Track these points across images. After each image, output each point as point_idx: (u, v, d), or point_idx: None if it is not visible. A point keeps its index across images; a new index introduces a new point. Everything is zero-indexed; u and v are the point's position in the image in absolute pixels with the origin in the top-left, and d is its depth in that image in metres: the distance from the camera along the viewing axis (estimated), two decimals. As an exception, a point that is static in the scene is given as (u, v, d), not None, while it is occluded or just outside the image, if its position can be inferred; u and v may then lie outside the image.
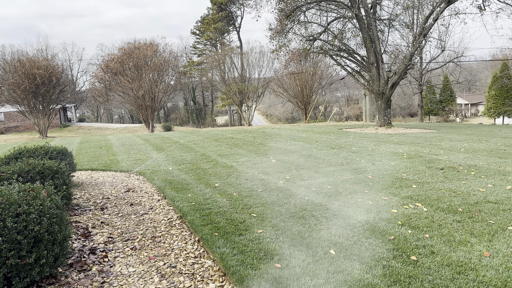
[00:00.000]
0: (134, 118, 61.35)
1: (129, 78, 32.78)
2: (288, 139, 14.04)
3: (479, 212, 4.64)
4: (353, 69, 19.58)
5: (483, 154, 9.02)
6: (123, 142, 15.52)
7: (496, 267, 3.19)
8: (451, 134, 14.50)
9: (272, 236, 4.11)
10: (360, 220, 4.53)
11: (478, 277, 3.03)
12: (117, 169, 9.00)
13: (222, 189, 6.38)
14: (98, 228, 4.64)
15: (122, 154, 11.48)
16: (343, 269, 3.26)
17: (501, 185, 5.99)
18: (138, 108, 34.05)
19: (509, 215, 4.52)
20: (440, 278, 3.04)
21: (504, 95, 34.50)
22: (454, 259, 3.38)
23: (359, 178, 6.85)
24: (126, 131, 37.34)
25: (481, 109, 58.19)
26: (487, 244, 3.68)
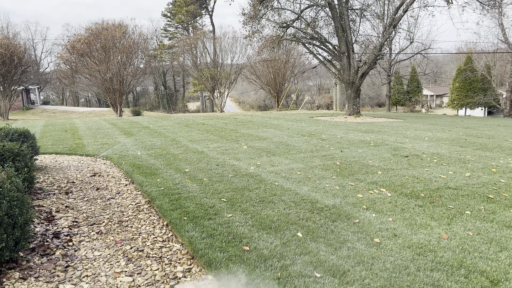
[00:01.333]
0: (101, 101, 59.48)
1: (97, 60, 31.66)
2: (260, 126, 14.07)
3: (439, 198, 4.86)
4: (325, 58, 19.76)
5: (446, 143, 9.40)
6: (90, 126, 15.05)
7: (453, 249, 3.36)
8: (416, 124, 15.00)
9: (242, 220, 4.15)
10: (327, 204, 4.64)
11: (436, 258, 3.19)
12: (83, 153, 8.74)
13: (192, 175, 6.34)
14: (62, 212, 4.51)
15: (88, 138, 11.15)
16: (310, 251, 3.33)
17: (461, 172, 6.28)
18: (105, 92, 33.05)
19: (467, 200, 4.76)
20: (401, 259, 3.17)
21: (467, 88, 35.94)
22: (414, 241, 3.53)
23: (327, 165, 6.99)
24: (93, 115, 36.21)
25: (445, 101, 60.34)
26: (446, 227, 3.86)
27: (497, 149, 8.49)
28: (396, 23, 16.74)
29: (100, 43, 31.71)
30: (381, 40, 17.43)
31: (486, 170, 6.41)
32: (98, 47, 31.91)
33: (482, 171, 6.33)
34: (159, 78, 62.60)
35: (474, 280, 2.82)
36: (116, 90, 32.59)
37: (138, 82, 37.71)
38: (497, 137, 10.56)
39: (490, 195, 4.95)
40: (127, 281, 2.89)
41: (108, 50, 31.56)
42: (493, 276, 2.88)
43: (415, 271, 2.97)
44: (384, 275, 2.90)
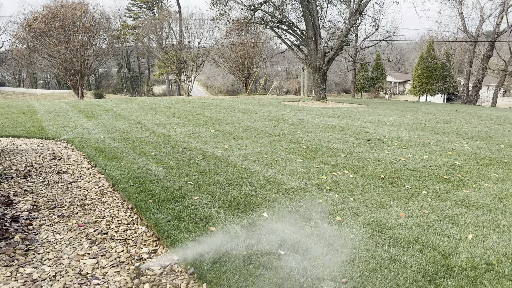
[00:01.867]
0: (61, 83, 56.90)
1: (56, 40, 30.12)
2: (228, 110, 14.02)
3: (398, 179, 5.09)
4: (292, 43, 19.81)
5: (406, 128, 9.78)
6: (49, 108, 14.42)
7: (409, 226, 3.55)
8: (379, 109, 15.46)
9: (209, 202, 4.17)
10: (293, 186, 4.74)
11: (394, 235, 3.36)
12: (42, 136, 8.40)
13: (158, 158, 6.26)
14: (21, 196, 4.34)
15: (48, 121, 10.70)
16: (275, 230, 3.42)
17: (419, 155, 6.58)
18: (65, 73, 31.62)
19: (424, 181, 5.01)
20: (361, 236, 3.32)
21: (429, 75, 37.32)
22: (374, 219, 3.70)
23: (294, 148, 7.10)
24: (52, 98, 34.65)
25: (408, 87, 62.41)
26: (403, 206, 4.06)
27: (454, 134, 8.94)
28: (362, 9, 17.00)
29: (59, 21, 30.12)
30: (347, 26, 17.67)
31: (443, 153, 6.75)
32: (57, 26, 30.32)
33: (439, 154, 6.67)
34: (122, 60, 60.55)
35: (428, 254, 3.00)
36: (77, 72, 31.26)
37: (100, 63, 36.31)
38: (454, 122, 11.10)
39: (445, 176, 5.23)
40: (90, 263, 2.85)
41: (68, 29, 30.06)
42: (444, 250, 3.08)
43: (373, 247, 3.12)
44: (345, 251, 3.03)
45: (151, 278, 2.72)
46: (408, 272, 2.74)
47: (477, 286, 2.59)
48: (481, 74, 27.81)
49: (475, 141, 7.98)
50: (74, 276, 2.69)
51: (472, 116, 13.12)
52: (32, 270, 2.73)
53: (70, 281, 2.62)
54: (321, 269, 2.76)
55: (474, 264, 2.87)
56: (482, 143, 7.77)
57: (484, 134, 8.97)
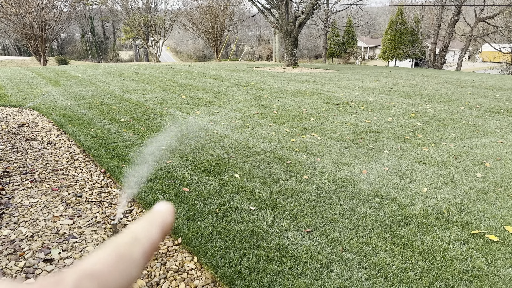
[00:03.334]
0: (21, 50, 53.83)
1: (13, 2, 28.16)
2: (199, 76, 13.86)
3: (363, 140, 5.35)
4: (263, 6, 19.47)
5: (373, 92, 10.07)
6: (11, 75, 13.77)
7: (370, 182, 3.82)
8: (349, 74, 15.72)
9: (181, 165, 4.28)
10: (264, 149, 4.91)
11: (355, 190, 3.61)
12: (6, 104, 8.11)
13: (129, 124, 6.24)
14: (-11, 164, 4.30)
15: (11, 88, 10.27)
16: (246, 189, 3.59)
17: (384, 117, 6.87)
18: (25, 38, 29.87)
19: (386, 141, 5.29)
20: (326, 192, 3.55)
21: (398, 40, 37.81)
22: (338, 177, 3.94)
23: (265, 113, 7.23)
24: (12, 64, 32.88)
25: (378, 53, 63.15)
26: (366, 165, 4.33)
27: (418, 97, 9.31)
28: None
29: (15, -18, 28.06)
30: (318, -10, 17.49)
31: (406, 115, 7.07)
32: (13, -14, 28.25)
33: (403, 116, 6.99)
34: (86, 24, 57.68)
35: (386, 206, 3.27)
36: (38, 37, 29.59)
37: (63, 27, 34.37)
38: (419, 86, 11.50)
39: (406, 136, 5.54)
40: (67, 224, 2.95)
41: (25, -10, 28.10)
42: (401, 202, 3.36)
43: (336, 200, 3.36)
44: (310, 205, 3.25)
45: (127, 235, 2.85)
46: (367, 221, 3.00)
47: (428, 232, 2.88)
48: (447, 38, 28.47)
49: (437, 104, 8.37)
50: (52, 235, 2.78)
51: (436, 80, 13.60)
52: (9, 232, 2.80)
53: (48, 240, 2.71)
54: (288, 221, 2.98)
55: (426, 213, 3.17)
56: (444, 105, 8.17)
57: (446, 97, 9.39)
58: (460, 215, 3.16)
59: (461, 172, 4.15)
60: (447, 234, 2.84)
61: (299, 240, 2.70)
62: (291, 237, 2.75)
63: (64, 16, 32.45)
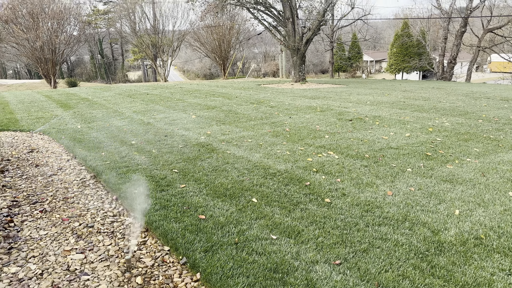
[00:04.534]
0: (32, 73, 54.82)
1: (24, 27, 28.77)
2: (208, 95, 13.81)
3: (383, 157, 5.13)
4: (270, 24, 19.56)
5: (386, 106, 9.87)
6: (22, 99, 13.86)
7: (397, 204, 3.59)
8: (359, 89, 15.56)
9: (196, 189, 4.10)
10: (279, 169, 4.72)
11: (383, 213, 3.39)
12: (17, 129, 8.07)
13: (140, 147, 6.11)
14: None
15: (22, 112, 10.28)
16: (265, 215, 3.39)
17: (401, 133, 6.66)
18: (36, 62, 30.38)
19: (407, 158, 5.07)
20: (351, 217, 3.33)
21: (404, 53, 37.70)
22: (362, 199, 3.72)
23: (277, 131, 7.07)
24: (24, 88, 33.37)
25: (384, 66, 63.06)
26: (390, 185, 4.11)
27: (433, 110, 9.08)
28: (339, -11, 16.87)
29: (27, 8, 28.70)
30: (324, 6, 17.54)
31: (424, 130, 6.85)
32: (25, 12, 28.90)
33: (420, 131, 6.76)
34: (95, 46, 58.64)
35: (417, 232, 3.04)
36: (48, 60, 30.07)
37: (72, 50, 34.98)
38: (432, 99, 11.28)
39: (428, 153, 5.31)
40: (78, 258, 2.77)
41: (36, 16, 28.71)
42: (433, 226, 3.13)
43: (364, 227, 3.14)
44: (336, 233, 3.04)
45: (142, 270, 2.66)
46: (400, 250, 2.77)
47: (468, 261, 2.64)
48: (455, 50, 28.29)
49: (454, 117, 8.14)
50: (62, 272, 2.60)
51: (449, 92, 13.37)
52: (17, 269, 2.63)
53: (59, 278, 2.53)
54: (314, 252, 2.76)
55: (463, 239, 2.93)
56: (461, 119, 7.93)
57: (462, 109, 9.15)
58: (500, 240, 2.92)
59: (492, 191, 3.91)
60: (489, 263, 2.60)
61: (329, 274, 2.48)
62: (319, 270, 2.53)
63: (74, 39, 33.04)
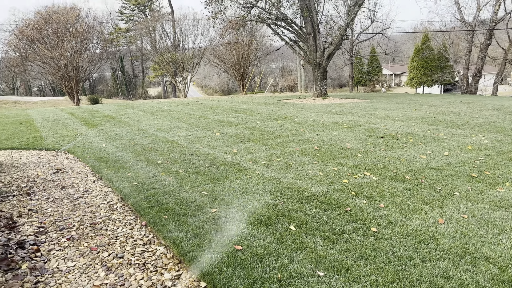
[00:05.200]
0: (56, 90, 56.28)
1: (49, 46, 29.62)
2: (230, 111, 13.69)
3: (425, 179, 4.79)
4: (290, 39, 19.48)
5: (417, 122, 9.49)
6: (46, 117, 14.05)
7: (452, 234, 3.26)
8: (383, 103, 15.18)
9: (228, 215, 3.86)
10: (315, 192, 4.44)
11: (438, 246, 3.06)
12: (42, 147, 8.06)
13: (166, 166, 5.95)
14: (25, 216, 4.02)
15: (47, 131, 10.35)
16: (306, 246, 3.12)
17: (438, 151, 6.29)
18: (60, 79, 31.13)
19: (452, 180, 4.72)
20: (403, 249, 3.02)
21: (425, 66, 37.05)
22: (412, 228, 3.40)
23: (306, 149, 6.80)
24: (48, 105, 34.17)
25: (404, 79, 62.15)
26: (439, 211, 3.77)
27: (467, 126, 8.66)
28: (362, 2, 16.69)
29: (52, 28, 29.61)
30: (346, 20, 17.35)
31: (462, 148, 6.46)
32: (50, 32, 29.81)
33: (459, 149, 6.38)
34: (116, 64, 59.99)
35: (482, 268, 2.71)
36: (72, 78, 30.78)
37: (95, 68, 35.78)
38: (464, 114, 10.82)
39: (473, 174, 4.94)
40: (110, 297, 2.55)
41: (61, 35, 29.56)
42: (499, 262, 2.79)
43: (420, 262, 2.82)
44: (390, 269, 2.73)
45: (179, 311, 2.42)
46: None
47: (548, 306, 2.30)
48: (480, 63, 27.60)
49: (492, 134, 7.71)
50: (93, 313, 2.38)
51: (479, 107, 12.86)
52: (45, 309, 2.43)
53: (89, 320, 2.31)
54: (369, 292, 2.47)
55: (536, 278, 2.58)
56: (499, 135, 7.50)
57: (498, 125, 8.70)
58: None
59: (554, 219, 3.53)
60: None
61: (391, 321, 2.18)
62: (379, 316, 2.23)
63: (96, 57, 33.81)
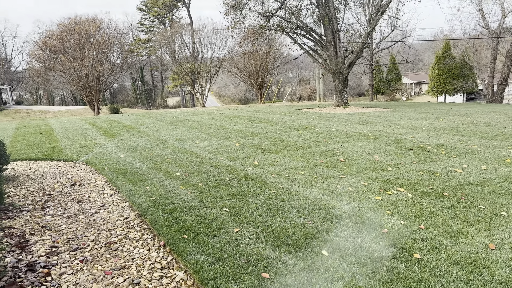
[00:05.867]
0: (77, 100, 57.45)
1: (71, 57, 30.19)
2: (249, 121, 13.45)
3: (466, 196, 4.39)
4: (310, 48, 19.21)
5: (446, 133, 9.02)
6: (66, 126, 14.11)
7: (507, 262, 2.87)
8: (407, 113, 14.67)
9: (252, 235, 3.56)
10: (345, 210, 4.10)
11: (493, 277, 2.68)
12: (60, 158, 7.96)
13: (185, 179, 5.70)
14: (38, 234, 3.82)
15: (66, 141, 10.30)
16: (342, 275, 2.78)
17: (475, 165, 5.85)
18: (81, 89, 31.64)
19: (496, 198, 4.30)
20: (454, 281, 2.65)
21: (446, 74, 36.14)
22: (460, 254, 3.03)
23: (331, 162, 6.46)
24: (69, 114, 34.76)
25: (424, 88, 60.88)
26: (487, 234, 3.38)
27: (501, 137, 8.15)
28: (384, 10, 16.31)
29: (74, 38, 30.22)
30: (368, 28, 16.98)
31: (500, 162, 6.00)
32: (72, 43, 30.42)
33: (497, 163, 5.92)
34: (136, 74, 60.88)
35: (553, 308, 2.33)
36: (93, 88, 31.25)
37: (115, 78, 36.29)
38: (495, 124, 10.27)
39: (519, 192, 4.51)
40: (124, 334, 2.27)
41: (83, 46, 30.12)
42: None
43: (477, 297, 2.45)
44: (443, 306, 2.37)
45: None
46: (541, 338, 2.07)
47: None
48: (506, 71, 26.70)
49: (530, 146, 7.19)
50: None
51: (510, 117, 12.24)
52: None
53: None
54: (421, 335, 2.12)
55: None
56: (540, 148, 6.99)
57: (535, 136, 8.16)
58: None
59: None
60: None
61: None
62: None
63: (117, 67, 34.30)
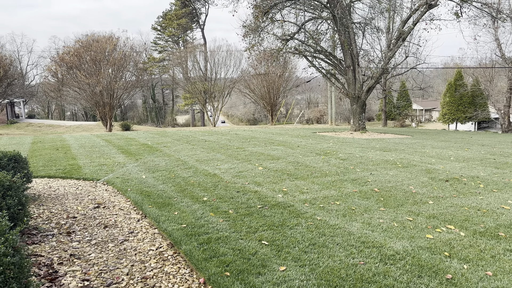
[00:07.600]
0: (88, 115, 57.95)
1: (86, 73, 30.53)
2: (267, 143, 13.21)
3: (526, 239, 4.05)
4: (328, 72, 19.13)
5: (476, 164, 8.68)
6: (82, 143, 13.97)
7: None
8: (428, 141, 14.35)
9: (301, 276, 3.25)
10: (397, 250, 3.77)
11: None
12: (80, 177, 7.73)
13: (214, 205, 5.42)
14: (66, 264, 3.53)
15: (84, 158, 10.11)
16: (417, 331, 2.45)
17: (522, 201, 5.51)
18: (95, 105, 31.87)
19: (561, 242, 3.95)
20: None
21: (458, 102, 35.88)
22: (545, 310, 2.69)
23: (365, 191, 6.15)
24: (80, 129, 34.89)
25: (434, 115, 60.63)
26: None
27: (538, 171, 7.80)
28: (406, 36, 16.23)
29: (90, 55, 30.64)
30: (388, 54, 16.88)
31: (548, 199, 5.65)
32: (88, 59, 30.82)
33: (545, 200, 5.57)
34: (148, 91, 61.49)
35: None
36: (106, 104, 31.43)
37: (129, 95, 36.58)
38: (525, 157, 9.91)
39: None
40: None
41: (99, 62, 30.49)
42: None
43: None
44: None
45: None
46: None
47: None
48: (523, 101, 26.40)
49: None
50: None
51: (538, 148, 11.86)
52: None
53: None
54: None
55: None
56: None
57: None
58: None
59: None
60: None
61: None
62: None
63: (131, 85, 34.58)
